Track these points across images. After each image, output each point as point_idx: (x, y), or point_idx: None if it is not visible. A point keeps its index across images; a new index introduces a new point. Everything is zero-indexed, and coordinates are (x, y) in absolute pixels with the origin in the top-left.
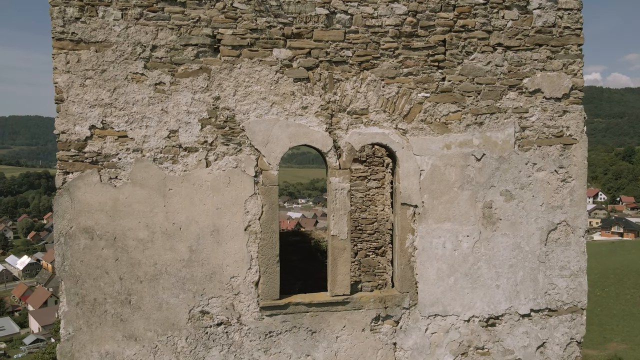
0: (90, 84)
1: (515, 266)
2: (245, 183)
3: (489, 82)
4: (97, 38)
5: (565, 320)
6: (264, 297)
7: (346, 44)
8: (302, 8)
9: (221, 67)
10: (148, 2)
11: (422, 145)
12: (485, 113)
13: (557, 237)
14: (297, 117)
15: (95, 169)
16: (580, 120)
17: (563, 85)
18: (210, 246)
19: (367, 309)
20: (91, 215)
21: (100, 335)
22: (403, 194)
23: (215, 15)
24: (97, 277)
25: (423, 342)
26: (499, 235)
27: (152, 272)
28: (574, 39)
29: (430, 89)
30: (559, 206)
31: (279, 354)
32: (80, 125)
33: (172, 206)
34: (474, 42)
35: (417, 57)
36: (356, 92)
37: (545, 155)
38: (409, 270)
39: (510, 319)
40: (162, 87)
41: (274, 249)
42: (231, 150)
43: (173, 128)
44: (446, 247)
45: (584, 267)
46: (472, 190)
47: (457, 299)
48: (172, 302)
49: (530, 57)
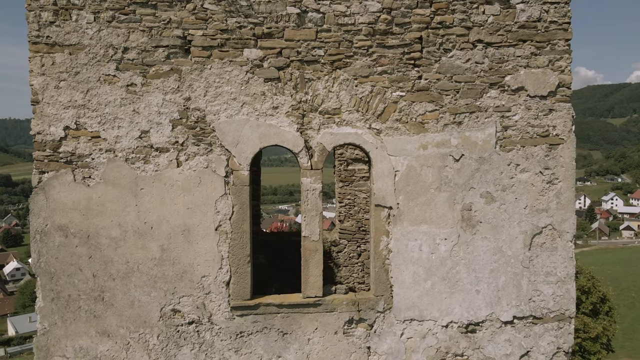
0: (65, 86)
1: (497, 271)
2: (215, 183)
3: (468, 80)
4: (70, 41)
5: (552, 329)
6: (234, 297)
7: (318, 43)
8: (273, 7)
9: (192, 68)
10: (120, 5)
11: (396, 145)
12: (464, 112)
13: (542, 242)
14: (267, 117)
15: (70, 168)
16: (567, 119)
17: (549, 83)
18: (181, 245)
19: (340, 312)
20: (65, 213)
21: (74, 330)
22: (377, 195)
23: (186, 17)
24: (71, 274)
25: (398, 347)
26: (479, 238)
27: (125, 270)
28: (561, 34)
29: (405, 88)
30: (544, 209)
31: (249, 355)
32: (55, 126)
33: (143, 205)
34: (453, 39)
35: (392, 55)
36: (328, 91)
37: (530, 156)
38: (384, 273)
39: (491, 325)
40: (134, 88)
41: (245, 249)
42: (202, 151)
43: (144, 129)
44: (423, 250)
45: (571, 274)
46: (450, 192)
47: (434, 303)
48: (144, 300)
49: (513, 53)
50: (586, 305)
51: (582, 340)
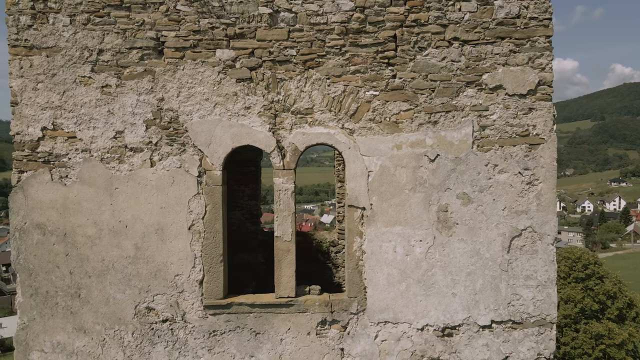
0: (42, 88)
1: (474, 274)
2: (188, 183)
3: (444, 78)
4: (47, 44)
5: (532, 334)
6: (207, 296)
7: (290, 42)
8: (245, 8)
9: (165, 69)
10: (95, 8)
11: (370, 145)
12: (440, 111)
13: (521, 245)
14: (240, 117)
15: (47, 168)
16: (548, 118)
17: (528, 81)
18: (155, 244)
19: (313, 313)
20: (43, 212)
21: (52, 326)
22: (350, 196)
23: (159, 19)
24: (49, 271)
25: (372, 349)
26: (456, 240)
27: (100, 267)
28: (541, 31)
29: (379, 87)
30: (523, 211)
31: (222, 354)
32: (33, 127)
33: (118, 204)
34: (428, 37)
35: (366, 54)
36: (300, 91)
37: (508, 156)
38: (357, 275)
39: (468, 329)
40: (109, 89)
41: (218, 248)
42: (175, 151)
43: (119, 129)
44: (397, 252)
45: (552, 278)
46: (426, 193)
47: (409, 306)
48: (119, 297)
49: (491, 51)
50: (612, 310)
51: (606, 346)
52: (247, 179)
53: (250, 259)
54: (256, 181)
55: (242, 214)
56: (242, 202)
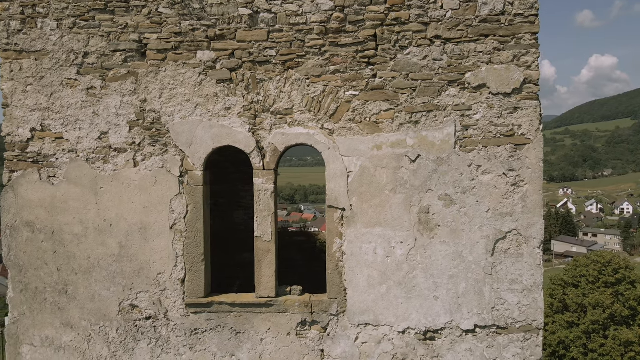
0: (31, 90)
1: (457, 277)
2: (170, 183)
3: (425, 77)
4: (36, 47)
5: (517, 340)
6: (189, 295)
7: (270, 43)
8: (225, 9)
9: (148, 70)
10: (80, 12)
11: (349, 145)
12: (421, 111)
13: (506, 248)
14: (220, 118)
15: (36, 168)
16: (534, 117)
17: (513, 79)
18: (138, 243)
19: (292, 313)
20: (32, 210)
21: (41, 321)
22: (330, 197)
23: (142, 21)
24: (37, 268)
25: (352, 351)
26: (438, 242)
27: (86, 265)
28: (527, 27)
29: (359, 87)
30: (508, 213)
31: (204, 352)
32: (23, 128)
33: (103, 204)
34: (409, 36)
35: (345, 54)
36: (280, 91)
37: (492, 157)
38: (337, 276)
39: (451, 333)
40: (94, 91)
41: (199, 247)
42: (157, 151)
43: (104, 130)
44: (377, 254)
45: (539, 282)
46: (406, 194)
47: (390, 308)
48: (104, 294)
49: (474, 49)
50: None
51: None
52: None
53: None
54: None
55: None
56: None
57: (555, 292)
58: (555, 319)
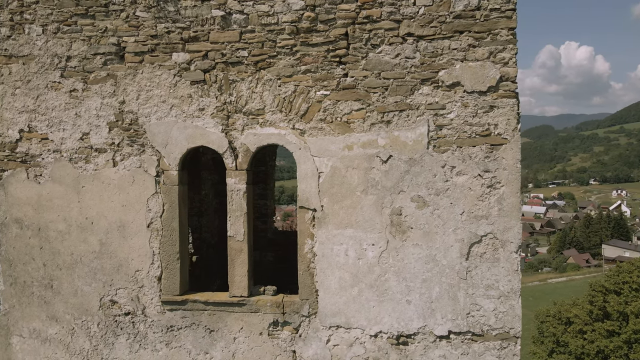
0: (19, 93)
1: (430, 281)
2: (147, 182)
3: (397, 76)
4: (24, 52)
5: (493, 348)
6: (165, 292)
7: (242, 44)
8: (199, 12)
9: (126, 73)
10: (63, 17)
11: (320, 146)
12: (393, 110)
13: (482, 252)
14: (194, 118)
15: (24, 167)
16: (511, 116)
17: (488, 77)
18: (117, 240)
19: (264, 313)
20: (20, 208)
21: (29, 313)
22: (301, 197)
23: (120, 25)
24: (25, 262)
25: (324, 353)
26: (410, 245)
27: (70, 261)
28: (503, 22)
29: (330, 87)
30: (483, 216)
31: (179, 349)
32: (12, 129)
33: (85, 202)
34: (381, 34)
35: (316, 53)
36: (252, 92)
37: (467, 158)
38: (309, 277)
39: (424, 339)
40: (76, 93)
41: (175, 246)
42: (135, 151)
43: (85, 131)
44: (349, 255)
45: (516, 288)
46: (378, 195)
47: (362, 311)
48: (86, 289)
49: (448, 46)
50: None
51: None
52: (257, 178)
53: (260, 257)
54: (266, 181)
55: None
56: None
57: (595, 299)
58: (594, 327)
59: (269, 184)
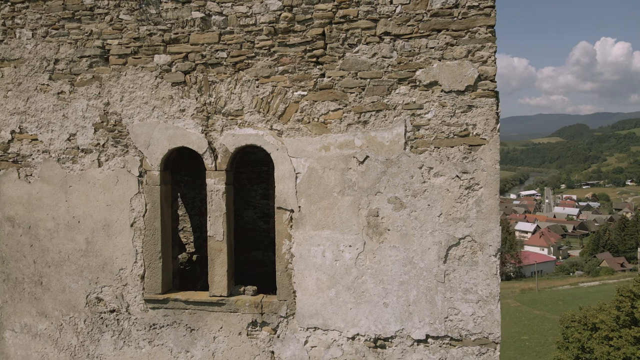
0: (11, 95)
1: (407, 284)
2: (130, 182)
3: (374, 76)
4: (15, 56)
5: (472, 353)
6: (148, 290)
7: (221, 45)
8: (179, 14)
9: (110, 75)
10: (51, 21)
11: (297, 146)
12: (370, 111)
13: (460, 255)
14: (175, 119)
15: (15, 167)
16: (490, 116)
17: (466, 76)
18: (102, 239)
19: (243, 313)
20: (12, 206)
21: (20, 309)
22: (278, 198)
23: (105, 28)
24: (17, 260)
25: (302, 354)
26: (387, 247)
27: (58, 258)
28: (482, 20)
29: (307, 87)
30: (461, 218)
31: (161, 347)
32: (5, 130)
33: (72, 201)
34: (358, 33)
35: (294, 53)
36: (230, 93)
37: (445, 159)
38: (286, 278)
39: (401, 342)
40: (64, 95)
41: (157, 245)
42: (119, 152)
43: (72, 132)
44: (326, 257)
45: (495, 293)
46: (355, 196)
47: (339, 313)
48: (73, 286)
49: (426, 45)
50: None
51: None
52: (260, 178)
53: (264, 257)
54: (268, 181)
55: (254, 212)
56: (255, 201)
57: (623, 305)
58: (621, 334)
59: (272, 184)
